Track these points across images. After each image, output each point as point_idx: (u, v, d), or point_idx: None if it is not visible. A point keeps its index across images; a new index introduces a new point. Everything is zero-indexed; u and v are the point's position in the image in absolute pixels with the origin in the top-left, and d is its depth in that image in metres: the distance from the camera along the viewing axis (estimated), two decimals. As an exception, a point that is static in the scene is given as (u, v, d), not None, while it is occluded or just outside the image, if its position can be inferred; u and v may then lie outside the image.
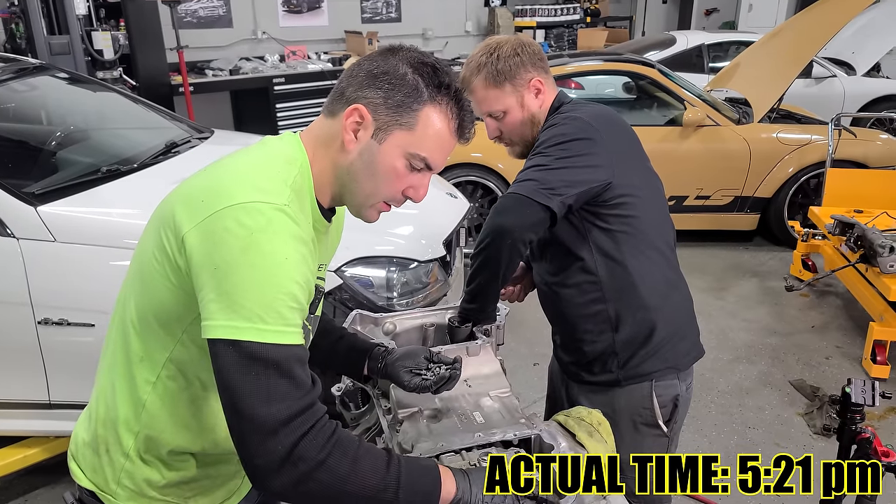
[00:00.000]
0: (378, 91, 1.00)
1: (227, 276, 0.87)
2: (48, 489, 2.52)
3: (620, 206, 1.45)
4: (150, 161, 2.70)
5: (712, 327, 3.81)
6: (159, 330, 0.99)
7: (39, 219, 2.15)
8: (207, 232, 0.89)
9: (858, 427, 1.73)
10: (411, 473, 0.94)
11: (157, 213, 1.01)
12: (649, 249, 1.51)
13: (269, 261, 0.88)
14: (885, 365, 3.28)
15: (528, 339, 3.34)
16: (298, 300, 0.91)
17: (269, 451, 0.86)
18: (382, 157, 1.01)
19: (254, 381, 0.86)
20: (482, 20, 9.21)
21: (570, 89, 5.67)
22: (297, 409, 0.87)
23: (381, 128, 1.00)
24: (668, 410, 1.57)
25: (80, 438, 1.13)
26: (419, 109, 1.00)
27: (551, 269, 1.60)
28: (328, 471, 0.87)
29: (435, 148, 1.03)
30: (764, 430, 2.95)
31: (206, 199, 0.92)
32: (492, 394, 1.35)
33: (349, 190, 1.05)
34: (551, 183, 1.37)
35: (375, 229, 1.33)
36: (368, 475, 0.90)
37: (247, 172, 0.96)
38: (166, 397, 1.03)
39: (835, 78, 7.06)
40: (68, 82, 3.30)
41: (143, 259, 0.99)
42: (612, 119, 1.54)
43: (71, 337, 2.15)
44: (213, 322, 0.88)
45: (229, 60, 6.69)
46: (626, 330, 1.53)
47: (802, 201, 4.81)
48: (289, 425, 0.86)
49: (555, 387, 1.83)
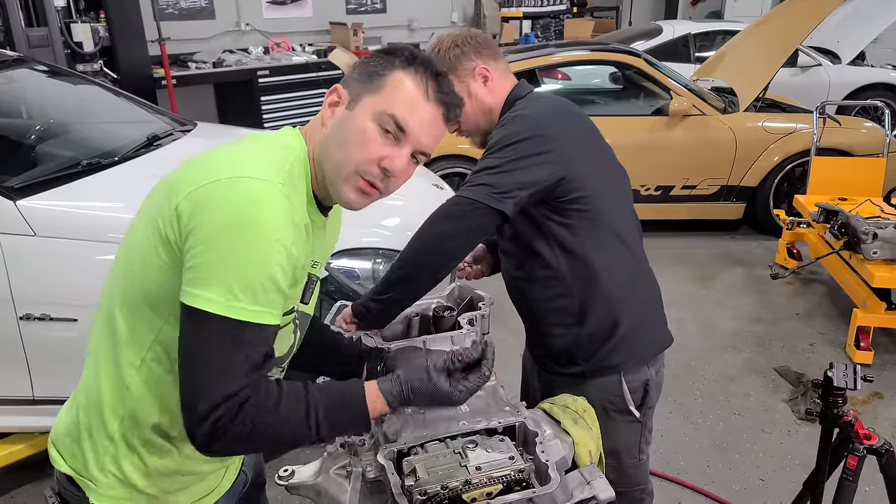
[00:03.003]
0: (357, 72, 1.06)
1: (210, 247, 0.89)
2: (33, 485, 2.50)
3: (578, 200, 1.44)
4: (132, 154, 2.67)
5: (698, 316, 3.83)
6: (147, 310, 0.99)
7: (19, 213, 2.12)
8: (198, 200, 0.90)
9: (841, 411, 1.74)
10: (331, 402, 0.99)
11: (150, 197, 1.03)
12: (611, 241, 1.50)
13: (251, 238, 0.89)
14: (868, 351, 3.31)
15: (515, 328, 3.32)
16: (276, 282, 0.92)
17: (207, 418, 0.89)
18: (352, 122, 1.02)
19: (208, 353, 0.89)
20: (468, 11, 9.16)
21: (557, 80, 5.68)
22: (239, 386, 0.90)
23: (354, 98, 1.04)
24: (638, 396, 1.57)
25: (61, 426, 1.13)
26: (387, 74, 1.03)
27: (515, 263, 1.60)
28: (257, 432, 0.92)
29: (405, 107, 1.01)
30: (749, 416, 2.97)
31: (200, 174, 0.93)
32: (477, 383, 1.35)
33: (325, 167, 1.04)
34: (503, 186, 1.36)
35: (362, 221, 1.32)
36: (293, 419, 0.96)
37: (243, 153, 0.99)
38: (151, 380, 1.02)
39: (820, 67, 7.10)
40: (48, 75, 3.25)
41: (132, 243, 1.00)
42: (566, 112, 1.52)
43: (53, 332, 2.12)
44: (188, 288, 0.90)
45: (212, 53, 6.61)
46: (590, 324, 1.52)
47: (788, 190, 4.84)
48: (229, 400, 0.89)
49: (527, 376, 1.83)
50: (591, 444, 1.22)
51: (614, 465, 1.60)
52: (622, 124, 4.72)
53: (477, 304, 1.57)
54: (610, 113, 5.11)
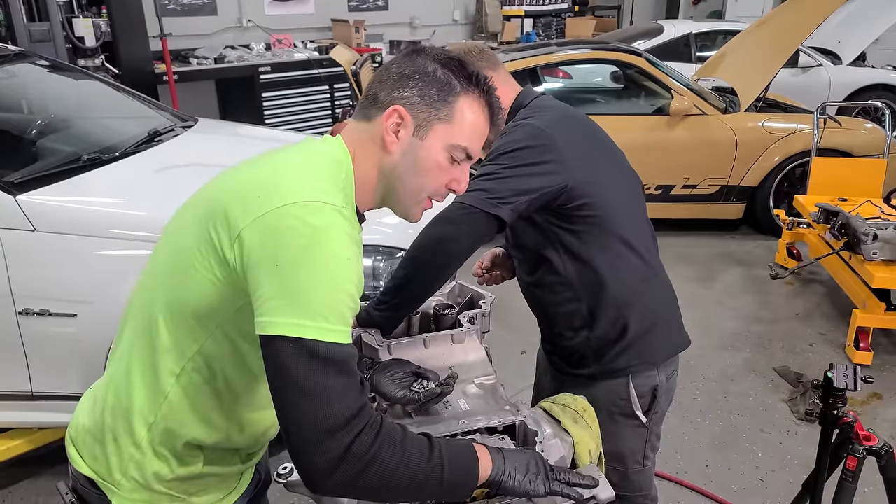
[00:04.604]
0: (412, 90, 1.03)
1: (291, 274, 0.87)
2: (32, 481, 2.50)
3: (583, 207, 1.45)
4: (133, 150, 2.66)
5: (698, 315, 3.83)
6: (192, 322, 0.98)
7: (19, 208, 2.12)
8: (268, 228, 0.89)
9: (840, 412, 1.74)
10: (453, 453, 0.96)
11: (199, 207, 1.00)
12: (618, 246, 1.50)
13: (332, 260, 0.89)
14: (867, 351, 3.31)
15: (516, 327, 3.34)
16: (356, 300, 0.93)
17: (328, 450, 0.86)
18: (425, 152, 1.04)
19: (315, 380, 0.86)
20: (470, 9, 9.15)
21: (559, 78, 5.67)
22: (356, 408, 0.88)
23: (422, 124, 1.03)
24: (646, 401, 1.57)
25: (82, 424, 1.12)
26: (454, 101, 1.04)
27: (526, 269, 1.62)
28: (381, 463, 0.89)
29: (473, 137, 1.06)
30: (748, 416, 2.97)
31: (264, 196, 0.91)
32: (477, 381, 1.35)
33: (395, 190, 1.06)
34: (499, 192, 1.37)
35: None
36: (416, 461, 0.92)
37: (302, 171, 0.97)
38: (189, 389, 1.02)
39: (821, 67, 7.10)
40: (49, 70, 3.24)
41: (181, 253, 0.98)
42: (571, 121, 1.53)
43: (53, 327, 2.12)
44: (274, 318, 0.87)
45: (214, 49, 6.60)
46: (599, 327, 1.53)
47: (788, 190, 4.83)
48: (348, 425, 0.87)
49: (540, 373, 1.85)
50: (591, 443, 1.22)
51: (618, 469, 1.60)
52: (623, 123, 4.72)
53: (477, 302, 1.57)
54: (611, 112, 5.11)
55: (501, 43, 8.65)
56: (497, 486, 1.00)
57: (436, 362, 1.38)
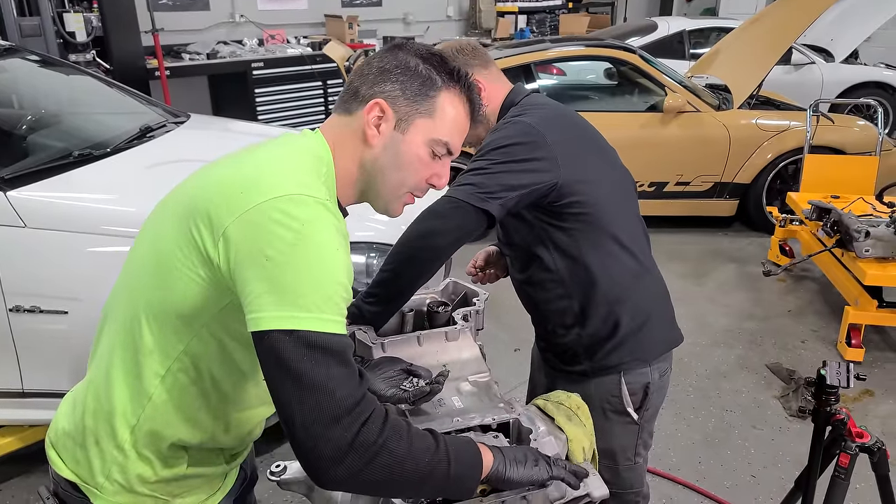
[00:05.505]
0: (394, 84, 1.03)
1: (281, 268, 0.86)
2: (22, 479, 2.48)
3: (574, 205, 1.45)
4: (125, 145, 2.64)
5: (691, 312, 3.84)
6: (177, 322, 0.97)
7: (9, 204, 2.10)
8: (253, 223, 0.88)
9: (833, 409, 1.75)
10: (457, 447, 0.96)
11: (178, 204, 0.98)
12: (609, 244, 1.50)
13: (321, 251, 0.88)
14: (859, 348, 3.33)
15: (510, 324, 3.34)
16: (348, 290, 0.92)
17: (335, 438, 0.84)
18: (407, 146, 1.04)
19: (316, 370, 0.85)
20: (463, 5, 9.14)
21: (552, 75, 5.67)
22: (358, 396, 0.87)
23: (403, 118, 1.03)
24: (638, 398, 1.58)
25: (62, 427, 1.10)
26: (436, 96, 1.04)
27: (518, 266, 1.63)
28: (389, 454, 0.87)
29: (454, 132, 1.07)
30: (741, 412, 2.98)
31: (246, 191, 0.90)
32: (470, 378, 1.35)
33: (375, 184, 1.06)
34: (489, 187, 1.36)
35: (355, 214, 1.32)
36: (422, 453, 0.91)
37: (284, 165, 0.96)
38: (175, 390, 1.01)
39: (813, 65, 7.12)
40: (39, 65, 3.22)
41: (161, 252, 0.96)
42: (562, 119, 1.52)
43: (43, 324, 2.10)
44: (267, 313, 0.86)
45: (206, 44, 6.56)
46: (591, 324, 1.54)
47: (781, 187, 4.85)
48: (351, 413, 0.85)
49: (535, 370, 1.86)
50: (585, 440, 1.22)
51: (609, 465, 1.61)
52: (616, 120, 4.72)
53: (471, 299, 1.57)
54: (604, 109, 5.12)
55: (495, 39, 8.64)
56: (500, 478, 1.00)
57: (429, 360, 1.37)
